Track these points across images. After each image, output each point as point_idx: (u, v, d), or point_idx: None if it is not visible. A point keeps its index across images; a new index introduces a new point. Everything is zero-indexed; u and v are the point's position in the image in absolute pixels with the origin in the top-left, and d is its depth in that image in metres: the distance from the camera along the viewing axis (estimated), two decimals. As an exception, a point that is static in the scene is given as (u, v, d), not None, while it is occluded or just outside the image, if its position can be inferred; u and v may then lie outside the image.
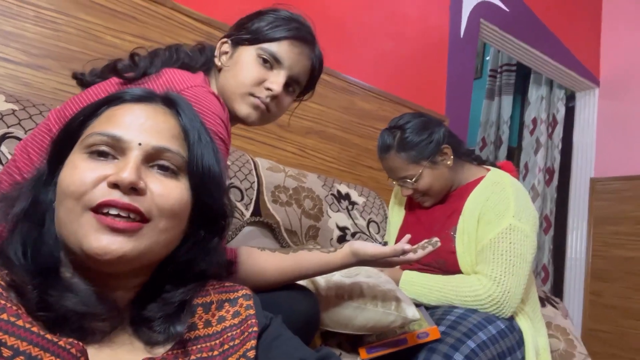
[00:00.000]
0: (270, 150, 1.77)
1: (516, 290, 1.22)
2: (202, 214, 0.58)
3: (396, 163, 1.36)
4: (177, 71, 0.92)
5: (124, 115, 0.55)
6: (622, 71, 3.10)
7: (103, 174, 0.51)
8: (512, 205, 1.27)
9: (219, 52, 0.99)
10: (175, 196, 0.53)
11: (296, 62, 0.99)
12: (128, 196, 0.50)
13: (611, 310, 2.88)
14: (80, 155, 0.53)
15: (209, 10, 1.64)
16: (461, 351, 1.09)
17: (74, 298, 0.49)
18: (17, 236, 0.52)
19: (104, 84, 0.90)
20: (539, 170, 3.38)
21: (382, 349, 1.10)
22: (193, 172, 0.57)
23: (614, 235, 2.96)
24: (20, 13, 1.31)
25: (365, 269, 1.10)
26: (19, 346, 0.42)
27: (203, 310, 0.58)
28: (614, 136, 3.07)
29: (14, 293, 0.47)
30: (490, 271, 1.23)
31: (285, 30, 0.98)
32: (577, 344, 1.49)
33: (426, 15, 2.31)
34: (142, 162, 0.52)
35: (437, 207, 1.44)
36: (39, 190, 0.55)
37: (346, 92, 2.02)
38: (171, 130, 0.57)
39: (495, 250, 1.24)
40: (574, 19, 3.06)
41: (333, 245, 1.57)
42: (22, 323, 0.44)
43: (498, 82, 3.77)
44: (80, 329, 0.48)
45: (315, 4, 1.93)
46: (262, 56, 0.95)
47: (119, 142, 0.53)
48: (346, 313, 1.04)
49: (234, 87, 0.95)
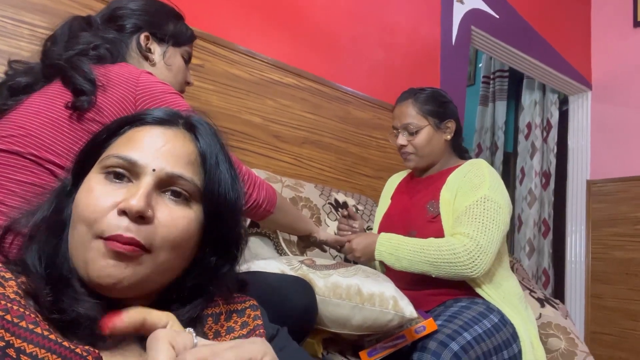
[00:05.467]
0: (266, 161, 1.78)
1: (488, 249, 1.26)
2: (214, 241, 0.58)
3: (408, 109, 1.49)
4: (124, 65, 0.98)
5: (142, 138, 0.56)
6: (613, 73, 3.13)
7: (114, 200, 0.51)
8: (487, 180, 1.37)
9: (145, 47, 1.09)
10: (180, 227, 0.53)
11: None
12: (134, 225, 0.50)
13: (613, 313, 2.87)
14: (97, 176, 0.54)
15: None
16: (457, 341, 1.13)
17: (85, 304, 0.49)
18: (35, 244, 0.53)
19: (46, 92, 0.92)
20: (536, 174, 3.40)
21: (383, 350, 1.11)
22: (208, 199, 0.57)
23: (612, 237, 2.97)
24: (15, 32, 1.33)
25: (362, 269, 1.12)
26: (38, 353, 0.43)
27: (213, 320, 0.58)
28: (608, 138, 3.09)
29: (32, 300, 0.48)
30: (465, 229, 1.29)
31: (190, 30, 1.19)
32: (579, 342, 1.50)
33: (417, 24, 2.34)
34: (154, 188, 0.53)
35: (419, 192, 1.54)
36: (61, 201, 0.56)
37: (341, 101, 2.04)
38: (189, 156, 0.57)
39: (470, 214, 1.31)
40: (564, 23, 3.10)
41: (332, 253, 1.58)
42: (40, 330, 0.44)
43: (491, 89, 3.79)
44: (91, 335, 0.49)
45: (307, 16, 1.95)
46: (184, 56, 1.17)
47: (134, 166, 0.53)
48: (344, 313, 1.05)
49: (172, 85, 1.09)
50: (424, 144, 1.48)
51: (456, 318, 1.23)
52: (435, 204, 1.43)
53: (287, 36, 1.89)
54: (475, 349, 1.15)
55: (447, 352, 1.09)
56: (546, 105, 3.49)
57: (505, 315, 1.31)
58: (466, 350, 1.13)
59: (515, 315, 1.32)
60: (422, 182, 1.55)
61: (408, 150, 1.50)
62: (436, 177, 1.52)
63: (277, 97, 1.83)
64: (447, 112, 1.51)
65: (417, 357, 1.10)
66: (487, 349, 1.19)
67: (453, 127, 1.51)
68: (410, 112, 1.48)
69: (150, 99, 0.93)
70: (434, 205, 1.43)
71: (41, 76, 0.96)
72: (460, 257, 1.25)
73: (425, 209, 1.44)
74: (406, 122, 1.48)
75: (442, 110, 1.50)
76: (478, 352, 1.16)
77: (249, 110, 1.75)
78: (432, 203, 1.43)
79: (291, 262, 1.08)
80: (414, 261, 1.29)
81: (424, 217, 1.42)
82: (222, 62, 1.70)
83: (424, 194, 1.50)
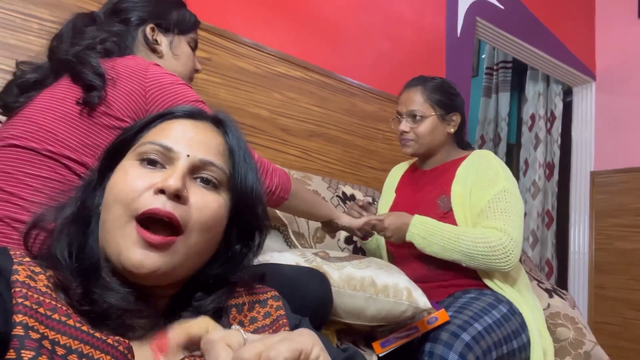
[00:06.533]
0: (274, 154, 1.78)
1: (519, 240, 1.31)
2: (240, 229, 0.61)
3: (416, 96, 1.48)
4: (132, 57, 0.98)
5: (175, 129, 0.58)
6: (617, 64, 3.13)
7: (151, 182, 0.53)
8: (500, 172, 1.39)
9: (152, 39, 1.08)
10: (212, 210, 0.55)
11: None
12: (171, 202, 0.52)
13: (615, 303, 2.89)
14: (132, 162, 0.56)
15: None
16: (469, 332, 1.14)
17: (116, 295, 0.50)
18: (64, 238, 0.54)
19: (56, 88, 0.92)
20: (539, 165, 3.40)
21: (396, 341, 1.12)
22: (236, 189, 0.59)
23: (615, 227, 2.98)
24: (24, 26, 1.33)
25: (375, 261, 1.12)
26: (71, 345, 0.44)
27: (236, 311, 0.60)
28: (612, 129, 3.09)
29: (62, 293, 0.49)
30: (495, 223, 1.31)
31: (194, 16, 1.18)
32: (586, 332, 1.51)
33: (422, 16, 2.33)
34: (187, 172, 0.55)
35: (426, 185, 1.53)
36: (87, 195, 0.58)
37: (347, 94, 2.04)
38: (218, 147, 0.60)
39: (495, 208, 1.33)
40: (568, 13, 3.08)
41: (340, 246, 1.59)
42: (73, 322, 0.45)
43: (495, 80, 3.78)
44: (121, 326, 0.50)
45: (312, 8, 1.95)
46: (190, 44, 1.16)
47: (169, 152, 0.56)
48: (358, 304, 1.06)
49: (182, 74, 1.12)
50: (425, 133, 1.47)
51: (466, 309, 1.24)
52: (446, 199, 1.42)
53: (293, 28, 1.89)
54: (486, 339, 1.16)
55: (459, 342, 1.10)
56: (550, 96, 3.49)
57: (514, 305, 1.32)
58: (477, 341, 1.14)
59: (524, 306, 1.33)
60: (428, 175, 1.55)
61: (409, 137, 1.49)
62: (442, 170, 1.51)
63: (284, 90, 1.83)
64: (454, 105, 1.50)
65: (429, 347, 1.11)
66: (497, 339, 1.20)
67: (458, 121, 1.51)
68: (417, 99, 1.48)
69: (159, 90, 0.93)
70: (445, 201, 1.42)
71: (50, 72, 0.97)
72: (496, 251, 1.26)
73: (436, 204, 1.44)
74: (412, 109, 1.47)
75: (449, 102, 1.49)
76: (489, 342, 1.17)
77: (257, 103, 1.75)
78: (443, 198, 1.43)
79: (305, 254, 1.09)
80: (447, 248, 1.29)
81: (435, 212, 1.41)
82: (229, 55, 1.70)
83: (432, 188, 1.49)
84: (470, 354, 1.10)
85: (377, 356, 1.12)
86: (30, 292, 0.45)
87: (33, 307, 0.44)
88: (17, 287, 0.44)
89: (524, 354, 1.30)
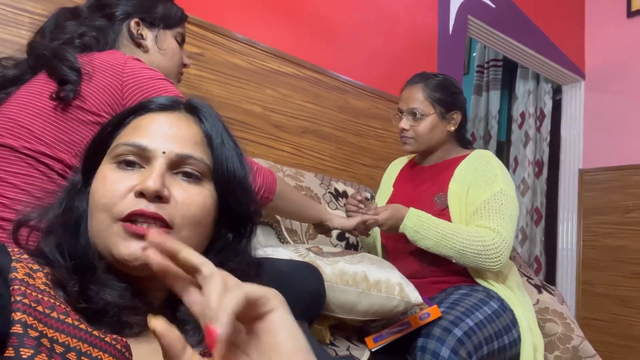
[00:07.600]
0: (266, 151, 1.78)
1: (510, 242, 1.33)
2: (229, 218, 0.60)
3: (417, 94, 1.48)
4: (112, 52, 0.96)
5: (149, 125, 0.57)
6: (606, 63, 3.16)
7: (130, 185, 0.53)
8: (498, 173, 1.40)
9: (137, 34, 1.07)
10: (197, 204, 0.55)
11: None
12: (154, 204, 0.52)
13: (603, 299, 2.93)
14: (109, 165, 0.55)
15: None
16: (460, 327, 1.16)
17: (112, 291, 0.50)
18: (51, 239, 0.53)
19: (34, 83, 0.91)
20: (529, 163, 3.44)
21: (388, 336, 1.13)
22: (218, 177, 0.58)
23: (603, 225, 3.02)
24: (15, 20, 1.31)
25: (368, 256, 1.14)
26: (70, 343, 0.44)
27: None
28: (600, 127, 3.13)
29: (60, 291, 0.49)
30: (489, 223, 1.32)
31: (181, 10, 1.16)
32: (574, 327, 1.54)
33: (415, 14, 2.34)
34: (166, 169, 0.54)
35: (424, 182, 1.53)
36: (73, 199, 0.57)
37: (340, 91, 2.04)
38: (194, 137, 0.58)
39: (489, 209, 1.34)
40: (559, 13, 3.11)
41: (332, 242, 1.59)
42: (71, 320, 0.45)
43: (485, 78, 3.81)
44: (118, 323, 0.50)
45: (306, 5, 1.95)
46: (177, 39, 1.14)
47: (144, 151, 0.55)
48: (350, 299, 1.07)
49: (169, 69, 1.11)
50: (425, 132, 1.46)
51: (458, 305, 1.25)
52: (443, 196, 1.43)
53: (286, 25, 1.89)
54: (478, 334, 1.18)
55: (451, 337, 1.12)
56: (540, 94, 3.52)
57: (505, 302, 1.34)
58: (469, 336, 1.15)
59: (514, 302, 1.35)
60: (427, 172, 1.55)
61: (408, 135, 1.49)
62: (441, 168, 1.51)
63: (277, 87, 1.83)
64: (456, 103, 1.49)
65: (422, 342, 1.13)
66: (489, 334, 1.22)
67: (458, 119, 1.50)
68: (418, 96, 1.47)
69: (136, 85, 0.90)
70: (442, 198, 1.43)
71: (28, 68, 0.95)
72: (488, 251, 1.28)
73: (432, 201, 1.45)
74: (412, 107, 1.47)
75: (450, 100, 1.48)
76: (480, 338, 1.19)
77: (250, 99, 1.75)
78: (440, 195, 1.44)
79: (298, 249, 1.10)
80: (439, 244, 1.30)
81: (431, 209, 1.41)
82: (222, 51, 1.70)
83: (430, 185, 1.50)
84: (462, 349, 1.11)
85: (370, 351, 1.13)
86: (28, 290, 0.45)
87: (32, 305, 0.44)
88: (15, 285, 0.44)
89: (515, 350, 1.32)
